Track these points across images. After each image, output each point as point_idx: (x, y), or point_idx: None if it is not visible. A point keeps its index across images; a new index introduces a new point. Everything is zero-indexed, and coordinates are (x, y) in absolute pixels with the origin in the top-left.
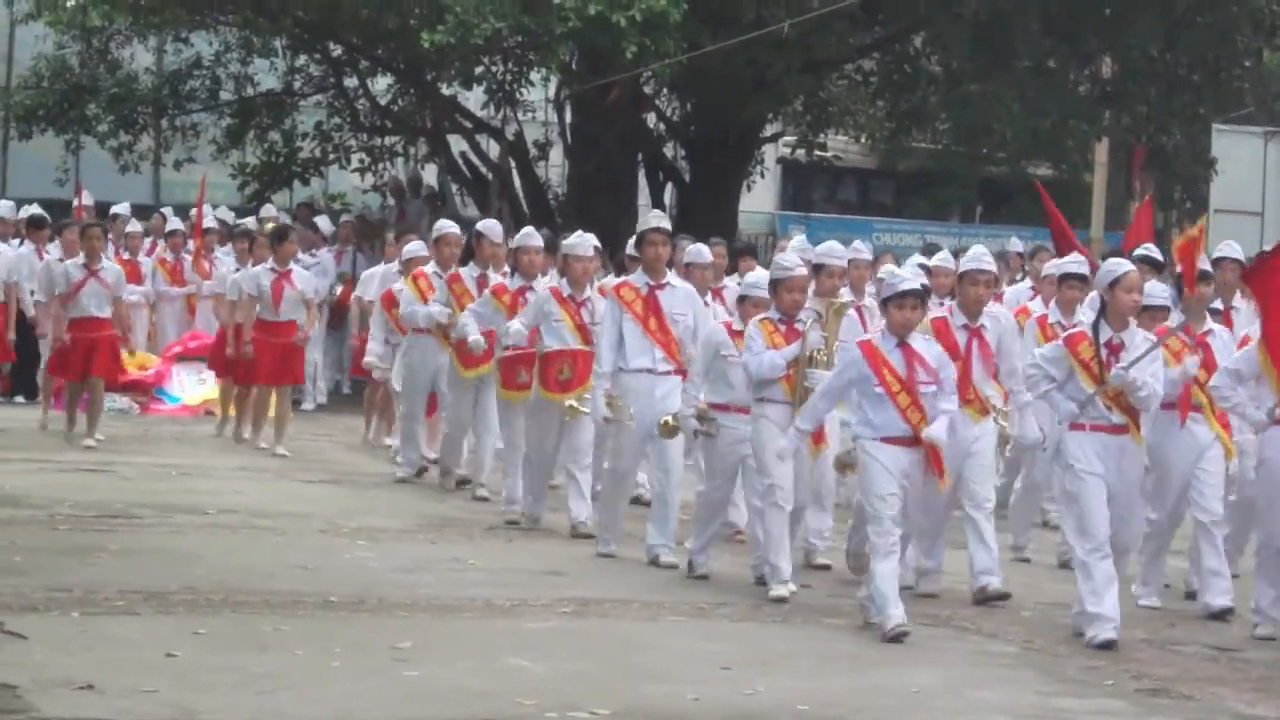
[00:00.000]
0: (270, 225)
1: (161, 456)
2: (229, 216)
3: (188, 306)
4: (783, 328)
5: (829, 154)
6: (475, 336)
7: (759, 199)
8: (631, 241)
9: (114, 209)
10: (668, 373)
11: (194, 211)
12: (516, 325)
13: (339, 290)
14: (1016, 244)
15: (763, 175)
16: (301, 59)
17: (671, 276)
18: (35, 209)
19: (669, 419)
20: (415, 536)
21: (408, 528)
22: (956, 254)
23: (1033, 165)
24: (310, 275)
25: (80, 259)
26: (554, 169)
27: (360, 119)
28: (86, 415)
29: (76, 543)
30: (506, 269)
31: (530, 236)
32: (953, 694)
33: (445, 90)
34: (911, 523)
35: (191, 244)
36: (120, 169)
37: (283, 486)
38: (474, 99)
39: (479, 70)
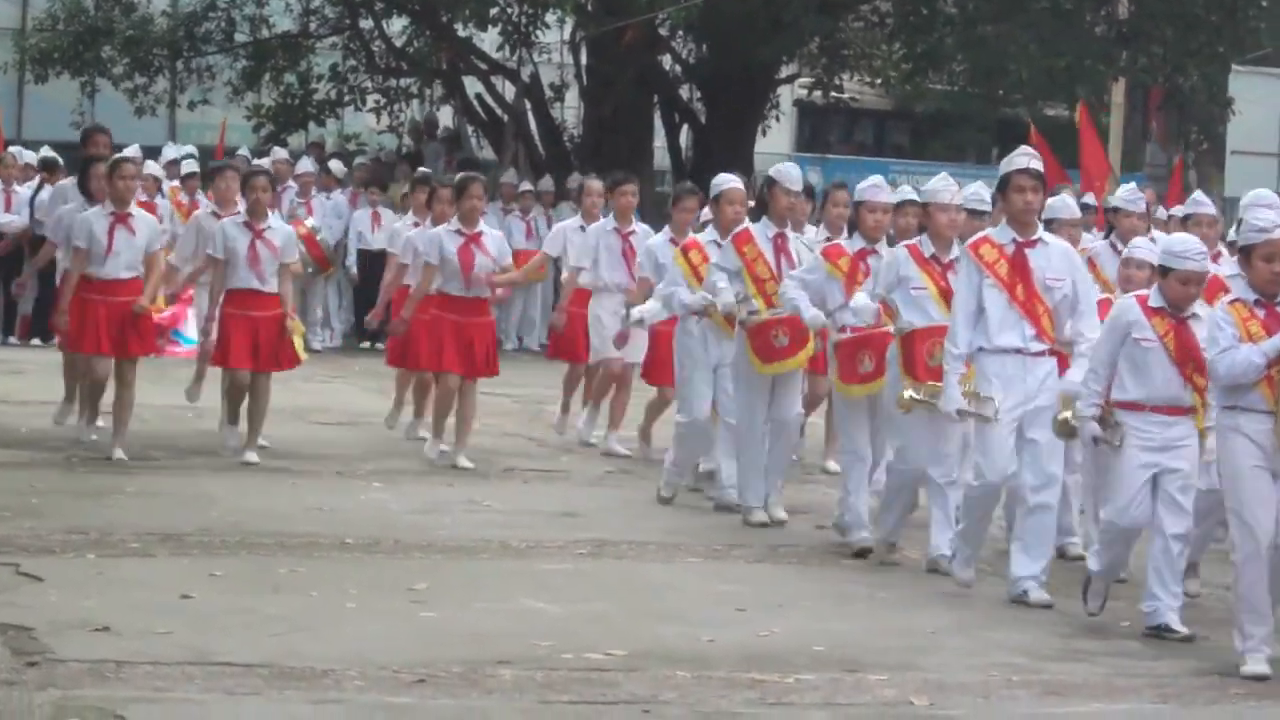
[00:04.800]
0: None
1: (177, 399)
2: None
3: None
4: (1261, 312)
5: (845, 96)
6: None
7: (775, 141)
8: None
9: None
10: (1040, 354)
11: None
12: (863, 298)
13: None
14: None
15: (778, 119)
16: (317, 0)
17: (1043, 231)
18: (46, 150)
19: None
20: (431, 478)
21: (424, 470)
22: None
23: (1050, 106)
24: (501, 237)
25: (239, 216)
26: (569, 111)
27: (375, 61)
28: (248, 417)
29: (93, 485)
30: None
31: (878, 189)
32: (969, 635)
33: (460, 32)
34: None
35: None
36: (136, 111)
37: (299, 429)
38: (489, 40)
39: (494, 11)
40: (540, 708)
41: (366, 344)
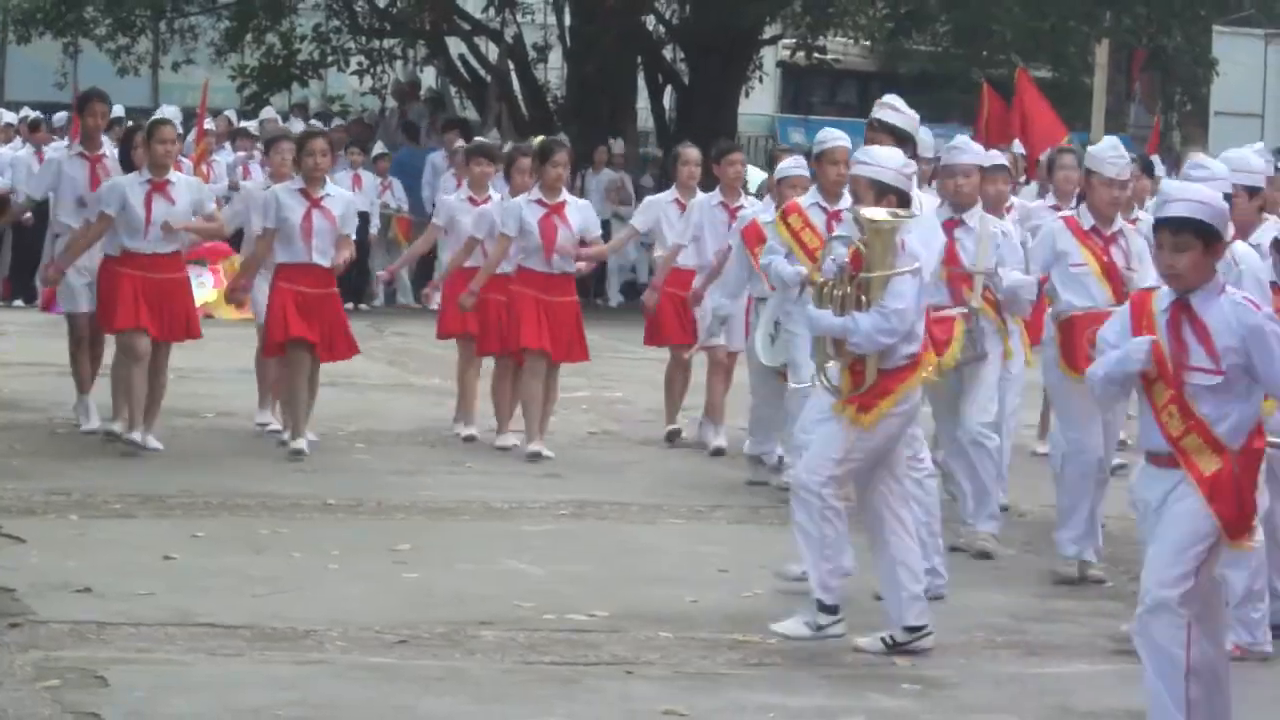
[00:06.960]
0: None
1: None
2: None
3: None
4: None
5: (829, 56)
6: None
7: (758, 102)
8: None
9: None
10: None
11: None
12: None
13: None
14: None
15: (762, 80)
16: None
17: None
18: (26, 110)
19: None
20: (414, 439)
21: (407, 431)
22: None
23: (1033, 67)
24: (588, 207)
25: (294, 183)
26: (553, 71)
27: (359, 21)
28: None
29: (75, 446)
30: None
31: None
32: (952, 596)
33: None
34: None
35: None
36: (118, 72)
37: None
38: (472, 1)
39: None
40: (522, 668)
41: (349, 306)
